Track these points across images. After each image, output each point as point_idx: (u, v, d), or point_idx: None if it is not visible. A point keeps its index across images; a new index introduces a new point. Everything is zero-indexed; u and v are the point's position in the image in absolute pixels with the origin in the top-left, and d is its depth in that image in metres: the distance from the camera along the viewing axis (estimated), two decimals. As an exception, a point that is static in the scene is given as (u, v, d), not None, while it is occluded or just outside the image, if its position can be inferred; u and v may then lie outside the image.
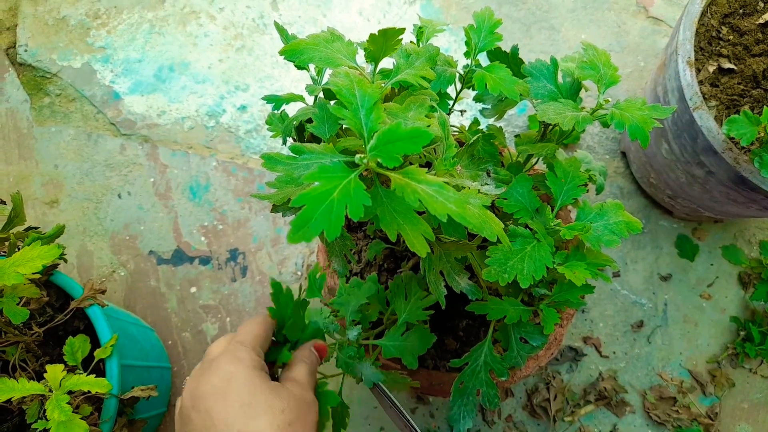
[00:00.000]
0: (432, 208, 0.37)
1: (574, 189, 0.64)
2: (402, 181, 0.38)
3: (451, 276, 0.61)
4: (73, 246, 1.08)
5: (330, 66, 0.42)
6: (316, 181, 0.36)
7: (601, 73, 0.57)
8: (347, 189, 0.36)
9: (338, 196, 0.35)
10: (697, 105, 0.79)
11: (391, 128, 0.36)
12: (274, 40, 1.18)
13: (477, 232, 0.40)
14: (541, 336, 0.64)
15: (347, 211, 0.36)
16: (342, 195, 0.35)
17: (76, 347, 0.72)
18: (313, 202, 0.35)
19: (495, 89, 0.58)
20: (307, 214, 0.34)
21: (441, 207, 0.37)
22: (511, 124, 1.11)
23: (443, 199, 0.38)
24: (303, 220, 0.34)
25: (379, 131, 0.37)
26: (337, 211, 0.35)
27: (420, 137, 0.35)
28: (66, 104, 1.15)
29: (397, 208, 0.42)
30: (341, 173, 0.37)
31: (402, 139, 0.36)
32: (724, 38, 0.85)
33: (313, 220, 0.34)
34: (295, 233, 0.34)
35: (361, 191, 0.36)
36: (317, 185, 0.35)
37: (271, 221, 1.09)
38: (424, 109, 0.45)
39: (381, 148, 0.37)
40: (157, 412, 0.93)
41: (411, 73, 0.45)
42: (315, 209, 0.34)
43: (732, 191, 0.83)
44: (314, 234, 0.34)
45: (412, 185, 0.38)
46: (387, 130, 0.36)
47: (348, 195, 0.35)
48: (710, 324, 1.03)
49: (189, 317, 1.04)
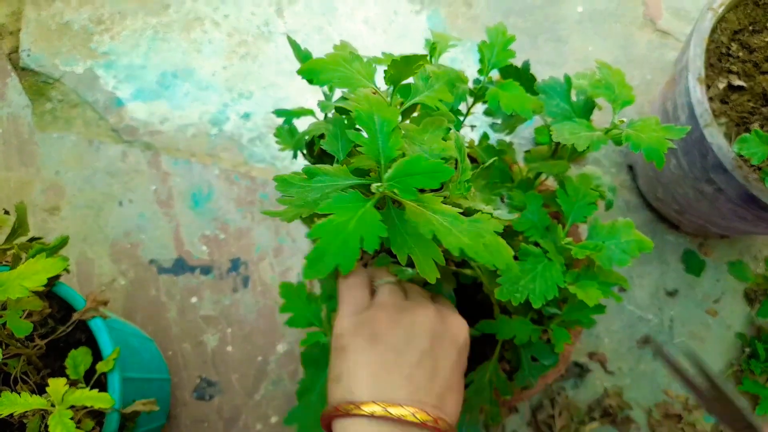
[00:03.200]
0: (446, 242, 0.37)
1: (585, 207, 0.64)
2: (417, 210, 0.38)
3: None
4: (74, 254, 1.07)
5: (349, 87, 0.41)
6: (331, 212, 0.35)
7: (615, 93, 0.57)
8: (363, 220, 0.35)
9: (353, 228, 0.34)
10: (708, 122, 0.78)
11: (411, 160, 0.36)
12: (279, 47, 1.17)
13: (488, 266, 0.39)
14: (552, 355, 0.63)
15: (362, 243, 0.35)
16: (358, 226, 0.35)
17: (78, 361, 0.71)
18: (329, 235, 0.34)
19: (508, 107, 0.57)
20: (322, 248, 0.34)
21: (455, 240, 0.37)
22: (518, 136, 1.11)
23: (457, 231, 0.37)
24: (318, 254, 0.34)
25: (398, 162, 0.36)
26: (353, 244, 0.34)
27: (440, 173, 0.35)
28: (68, 110, 1.14)
29: (409, 230, 0.41)
30: (356, 203, 0.36)
31: (422, 173, 0.35)
32: (734, 55, 0.84)
33: (327, 254, 0.33)
34: (310, 269, 0.33)
35: (376, 223, 0.35)
36: (332, 217, 0.35)
37: (274, 231, 1.08)
38: (441, 132, 0.44)
39: (399, 180, 0.36)
40: (157, 424, 0.92)
41: (430, 96, 0.44)
42: (330, 243, 0.34)
43: (741, 209, 0.83)
44: (329, 269, 0.33)
45: (426, 215, 0.37)
46: (406, 162, 0.36)
47: (364, 226, 0.35)
48: (716, 340, 1.02)
49: (189, 328, 1.03)
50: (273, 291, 1.05)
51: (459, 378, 0.52)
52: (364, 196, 0.37)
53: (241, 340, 1.02)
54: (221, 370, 1.01)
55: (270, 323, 1.03)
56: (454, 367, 0.51)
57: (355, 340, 0.49)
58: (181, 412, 0.99)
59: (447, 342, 0.51)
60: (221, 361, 1.02)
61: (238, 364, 1.02)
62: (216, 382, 1.01)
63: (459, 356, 0.52)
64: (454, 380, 0.50)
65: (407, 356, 0.48)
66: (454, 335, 0.52)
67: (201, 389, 1.00)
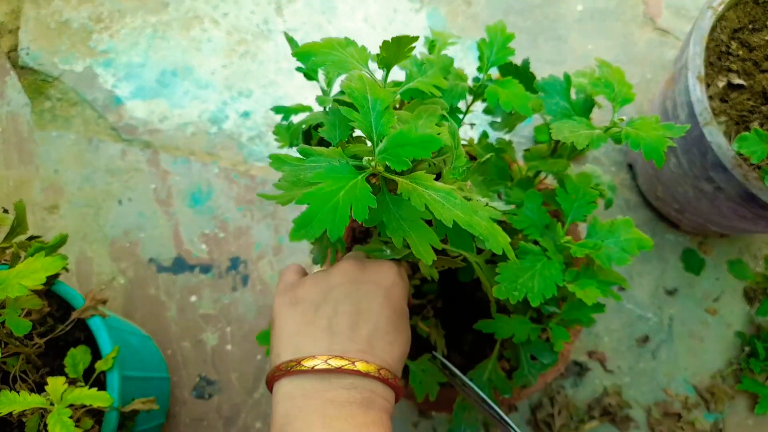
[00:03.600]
0: (438, 213, 0.37)
1: (584, 206, 0.63)
2: (409, 186, 0.38)
3: None
4: (73, 252, 1.06)
5: (342, 70, 0.42)
6: (323, 181, 0.36)
7: (615, 92, 0.57)
8: (353, 190, 0.36)
9: (344, 197, 0.35)
10: (707, 120, 0.78)
11: (401, 132, 0.36)
12: (278, 46, 1.17)
13: (483, 240, 0.39)
14: (552, 353, 0.63)
15: (352, 212, 0.35)
16: (347, 196, 0.35)
17: (77, 359, 0.71)
18: (318, 201, 0.34)
19: (508, 105, 0.57)
20: (311, 213, 0.34)
21: (447, 212, 0.37)
22: (517, 134, 1.11)
23: (450, 205, 0.37)
24: (306, 219, 0.34)
25: (389, 134, 0.37)
26: (342, 211, 0.35)
27: (430, 143, 0.36)
28: (67, 108, 1.14)
29: (403, 215, 0.41)
30: (348, 174, 0.37)
31: (412, 143, 0.36)
32: (734, 53, 0.84)
33: (316, 219, 0.34)
34: (297, 231, 0.34)
35: (367, 193, 0.36)
36: (323, 185, 0.35)
37: (273, 230, 1.08)
38: (435, 118, 0.45)
39: (390, 152, 0.37)
40: (155, 423, 0.92)
41: (423, 82, 0.45)
42: (319, 208, 0.34)
43: (741, 207, 0.83)
44: (317, 233, 0.34)
45: (419, 190, 0.38)
46: (397, 133, 0.36)
47: (354, 196, 0.35)
48: (716, 339, 1.02)
49: (189, 326, 1.03)
50: (272, 289, 1.05)
51: (392, 320, 0.50)
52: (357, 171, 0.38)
53: (240, 339, 1.02)
54: (221, 369, 1.01)
55: (269, 322, 1.03)
56: (381, 309, 0.49)
57: (280, 308, 0.51)
58: (181, 410, 0.99)
59: (368, 286, 0.49)
60: (221, 360, 1.02)
61: (238, 362, 1.02)
62: (215, 380, 1.01)
63: (386, 298, 0.50)
64: (383, 322, 0.49)
65: (324, 309, 0.48)
66: (377, 279, 0.50)
67: (200, 388, 1.00)
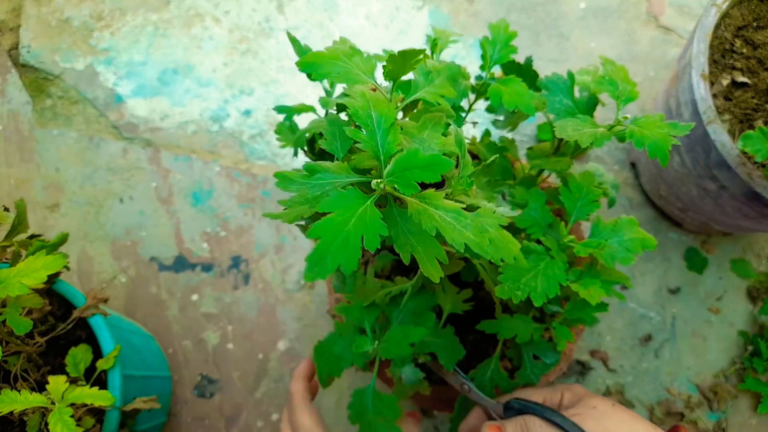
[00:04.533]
0: (450, 238, 0.36)
1: (588, 205, 0.63)
2: (419, 207, 0.37)
3: None
4: (74, 251, 1.06)
5: (348, 82, 0.41)
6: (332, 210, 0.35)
7: (619, 89, 0.56)
8: (363, 218, 0.35)
9: (353, 227, 0.34)
10: (711, 119, 0.78)
11: (409, 154, 0.35)
12: (279, 44, 1.16)
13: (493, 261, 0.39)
14: (555, 353, 0.63)
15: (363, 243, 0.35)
16: (358, 225, 0.34)
17: (78, 358, 0.71)
18: (329, 234, 0.33)
19: (510, 104, 0.57)
20: (323, 248, 0.33)
21: (459, 236, 0.36)
22: (520, 133, 1.10)
23: (461, 227, 0.37)
24: (319, 255, 0.33)
25: (396, 156, 0.36)
26: (354, 242, 0.34)
27: (438, 166, 0.35)
28: (68, 107, 1.14)
29: (411, 229, 0.41)
30: (357, 200, 0.36)
31: (420, 166, 0.35)
32: (738, 51, 0.84)
33: (329, 254, 0.33)
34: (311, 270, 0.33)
35: (377, 220, 0.35)
36: (332, 216, 0.34)
37: (275, 229, 1.07)
38: (440, 128, 0.44)
39: (398, 175, 0.36)
40: (157, 422, 0.92)
41: (430, 92, 0.44)
42: (331, 242, 0.33)
43: (744, 206, 0.82)
44: (330, 270, 0.33)
45: (429, 211, 0.37)
46: (404, 156, 0.35)
47: (364, 225, 0.34)
48: (719, 338, 1.02)
49: (190, 325, 1.03)
50: (274, 288, 1.05)
51: None
52: (365, 194, 0.36)
53: (242, 338, 1.02)
54: (222, 368, 1.01)
55: (271, 321, 1.03)
56: None
57: None
58: (182, 409, 0.99)
59: None
60: (222, 359, 1.01)
61: (239, 361, 1.01)
62: (217, 379, 1.00)
63: None
64: None
65: None
66: None
67: (202, 387, 1.00)
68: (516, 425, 0.56)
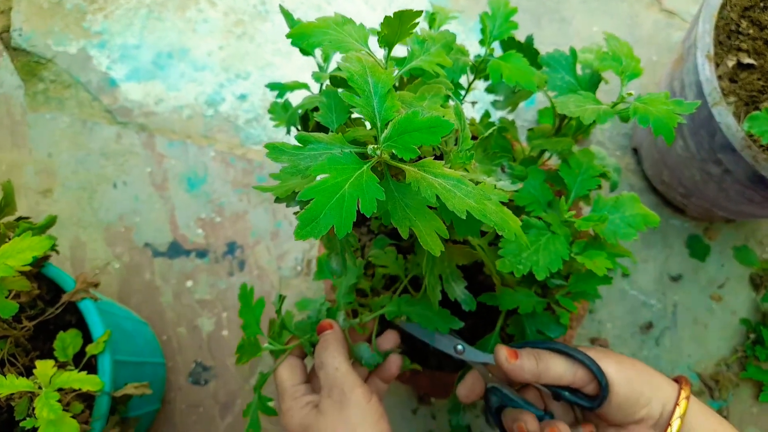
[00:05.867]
0: (450, 204, 0.34)
1: (588, 180, 0.62)
2: (417, 175, 0.35)
3: (448, 282, 0.58)
4: (67, 237, 1.05)
5: (340, 50, 0.39)
6: (325, 174, 0.33)
7: (623, 65, 0.54)
8: (359, 182, 0.33)
9: (349, 189, 0.32)
10: (716, 101, 0.76)
11: (407, 117, 0.33)
12: (276, 26, 1.14)
13: (496, 229, 0.37)
14: (559, 326, 0.61)
15: (359, 206, 0.33)
16: (353, 188, 0.32)
17: (67, 342, 0.69)
18: (323, 196, 0.32)
19: (511, 79, 0.55)
20: (316, 209, 0.31)
21: (460, 203, 0.35)
22: (520, 118, 1.09)
23: (462, 194, 0.35)
24: (311, 215, 0.31)
25: (394, 120, 0.34)
26: (349, 205, 0.32)
27: (439, 127, 0.33)
28: (61, 91, 1.12)
29: (409, 203, 0.39)
30: (352, 165, 0.34)
31: (419, 129, 0.33)
32: (744, 32, 0.82)
33: (322, 215, 0.31)
34: (302, 229, 0.31)
35: (374, 184, 0.33)
36: (326, 177, 0.33)
37: (271, 214, 1.06)
38: (439, 99, 0.42)
39: (396, 139, 0.34)
40: (150, 409, 0.91)
41: (426, 60, 0.42)
42: (324, 203, 0.32)
43: (749, 190, 0.80)
44: (323, 230, 0.31)
45: (428, 179, 0.35)
46: (403, 119, 0.34)
47: (360, 188, 0.33)
48: (720, 326, 1.00)
49: (184, 312, 1.02)
50: (270, 275, 1.03)
51: None
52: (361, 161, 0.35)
53: (236, 325, 1.01)
54: (217, 355, 1.00)
55: (266, 308, 1.01)
56: None
57: None
58: (176, 396, 0.98)
59: None
60: (217, 346, 1.00)
61: (234, 348, 0.99)
62: (211, 366, 0.99)
63: None
64: None
65: None
66: None
67: (196, 374, 0.99)
68: (528, 354, 0.55)
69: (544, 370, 0.54)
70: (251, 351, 0.59)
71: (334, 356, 0.56)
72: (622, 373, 0.53)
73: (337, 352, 0.57)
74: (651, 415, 0.52)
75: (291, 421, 0.56)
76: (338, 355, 0.57)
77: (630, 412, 0.53)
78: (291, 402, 0.57)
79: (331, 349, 0.57)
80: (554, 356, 0.55)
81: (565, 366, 0.54)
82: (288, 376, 0.59)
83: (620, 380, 0.52)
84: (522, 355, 0.55)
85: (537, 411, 0.57)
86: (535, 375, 0.54)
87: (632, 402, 0.52)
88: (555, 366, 0.54)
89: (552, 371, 0.54)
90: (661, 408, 0.52)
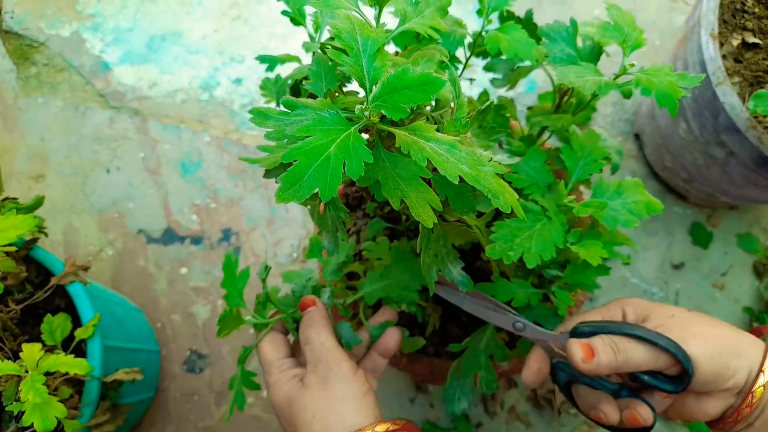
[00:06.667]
0: (442, 169, 0.33)
1: (590, 164, 0.60)
2: (408, 138, 0.33)
3: (444, 262, 0.56)
4: (59, 223, 1.03)
5: (329, 8, 0.37)
6: (311, 135, 0.31)
7: (626, 35, 0.52)
8: (346, 144, 0.31)
9: (336, 151, 0.30)
10: (721, 80, 0.74)
11: (397, 74, 0.32)
12: (271, 10, 1.12)
13: (491, 197, 0.35)
14: (556, 318, 0.59)
15: (345, 169, 0.31)
16: (340, 150, 0.31)
17: (54, 325, 0.67)
18: (307, 157, 0.30)
19: (509, 51, 0.53)
20: (300, 170, 0.30)
21: (453, 168, 0.33)
22: (520, 103, 1.07)
23: (455, 159, 0.33)
24: (294, 177, 0.29)
25: (383, 78, 0.32)
26: (334, 167, 0.30)
27: (430, 84, 0.31)
28: (53, 74, 1.10)
29: (401, 173, 0.37)
30: (339, 126, 0.32)
31: (410, 86, 0.31)
32: (749, 11, 0.80)
33: (306, 177, 0.29)
34: (284, 191, 0.29)
35: (361, 147, 0.31)
36: (312, 139, 0.31)
37: (267, 200, 1.04)
38: (433, 64, 0.40)
39: (385, 98, 0.32)
40: (143, 396, 0.89)
41: (419, 23, 0.40)
42: (309, 165, 0.30)
43: (753, 173, 0.78)
44: (307, 192, 0.29)
45: (419, 143, 0.33)
46: (392, 76, 0.32)
47: (347, 150, 0.31)
48: (723, 315, 0.98)
49: (179, 299, 1.00)
50: (266, 262, 1.01)
51: None
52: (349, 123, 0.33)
53: (231, 312, 0.99)
54: (212, 343, 0.98)
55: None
56: None
57: None
58: (171, 384, 0.96)
59: None
60: (212, 334, 0.98)
61: (229, 336, 0.98)
62: (206, 354, 0.98)
63: None
64: None
65: None
66: None
67: (191, 361, 0.97)
68: (604, 343, 0.51)
69: (623, 362, 0.50)
70: (232, 323, 0.57)
71: (319, 332, 0.56)
72: (707, 350, 0.50)
73: (322, 329, 0.56)
74: (737, 384, 0.50)
75: (277, 393, 0.55)
76: (323, 330, 0.56)
77: (715, 385, 0.50)
78: (277, 375, 0.56)
79: (317, 326, 0.56)
80: (633, 344, 0.51)
81: (645, 353, 0.50)
82: (272, 350, 0.58)
83: (705, 359, 0.50)
84: (599, 351, 0.51)
85: (611, 386, 0.54)
86: (614, 369, 0.51)
87: (718, 377, 0.50)
88: (635, 355, 0.50)
89: (633, 362, 0.50)
90: (746, 376, 0.50)
